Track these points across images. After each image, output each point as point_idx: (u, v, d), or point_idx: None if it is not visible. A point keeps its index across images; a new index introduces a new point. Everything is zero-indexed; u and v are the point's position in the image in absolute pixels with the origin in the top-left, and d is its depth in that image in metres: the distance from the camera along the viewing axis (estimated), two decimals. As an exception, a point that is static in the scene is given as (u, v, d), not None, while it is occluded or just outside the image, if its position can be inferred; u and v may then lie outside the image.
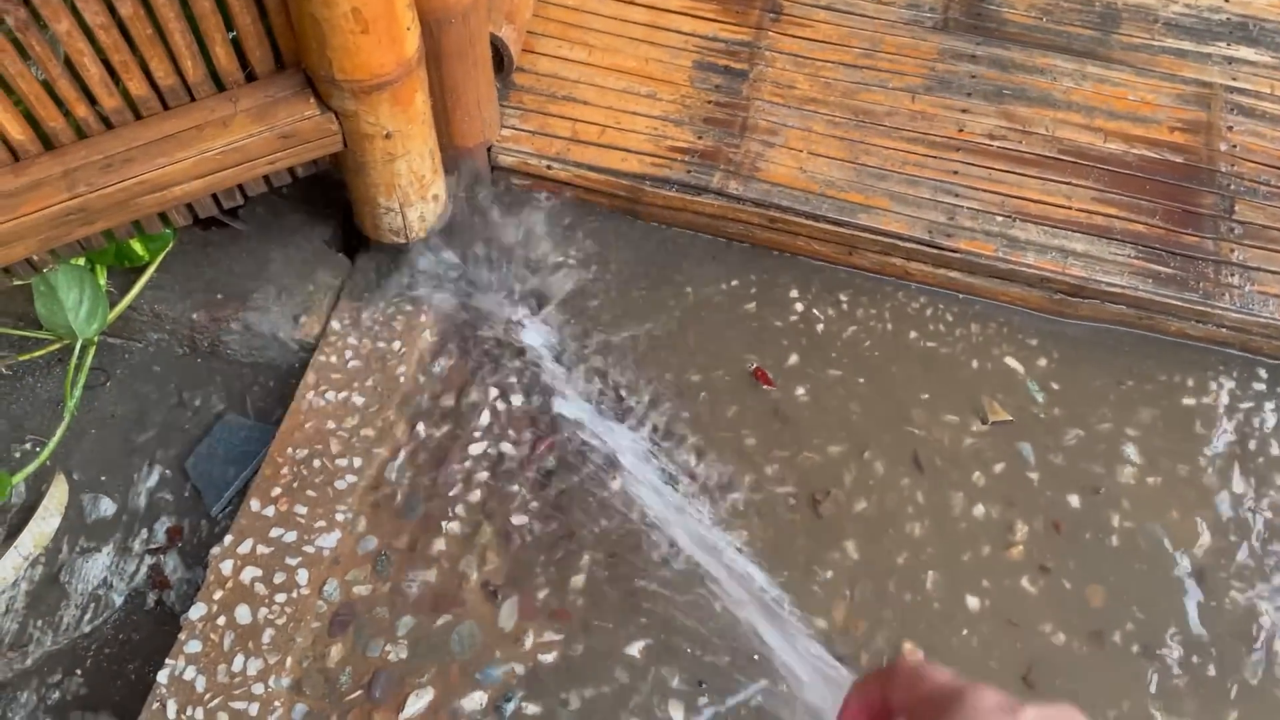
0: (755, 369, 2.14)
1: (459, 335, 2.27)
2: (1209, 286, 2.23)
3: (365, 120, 1.92)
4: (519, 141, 2.40)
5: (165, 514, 2.16)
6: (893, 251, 2.32)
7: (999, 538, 2.05)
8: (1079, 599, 1.99)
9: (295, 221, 2.39)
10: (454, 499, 2.07)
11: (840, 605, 1.97)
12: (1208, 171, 2.41)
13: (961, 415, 2.20)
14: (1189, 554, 2.04)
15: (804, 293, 2.37)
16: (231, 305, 2.26)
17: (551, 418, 2.17)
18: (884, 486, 2.11)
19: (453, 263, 2.31)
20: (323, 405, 2.14)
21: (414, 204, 2.17)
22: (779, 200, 2.33)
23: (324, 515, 2.02)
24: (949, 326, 2.33)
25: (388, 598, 1.96)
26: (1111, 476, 2.13)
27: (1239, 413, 2.21)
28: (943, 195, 2.35)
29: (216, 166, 1.91)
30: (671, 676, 1.89)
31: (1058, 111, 2.50)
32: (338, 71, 1.82)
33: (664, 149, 2.41)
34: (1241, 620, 1.97)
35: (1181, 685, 1.90)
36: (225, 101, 1.89)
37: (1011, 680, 1.89)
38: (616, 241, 2.42)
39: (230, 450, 2.19)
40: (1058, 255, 2.26)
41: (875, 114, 2.49)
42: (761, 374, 2.10)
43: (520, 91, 2.49)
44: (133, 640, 2.03)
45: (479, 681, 1.88)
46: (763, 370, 2.12)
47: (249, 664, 1.87)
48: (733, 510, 2.07)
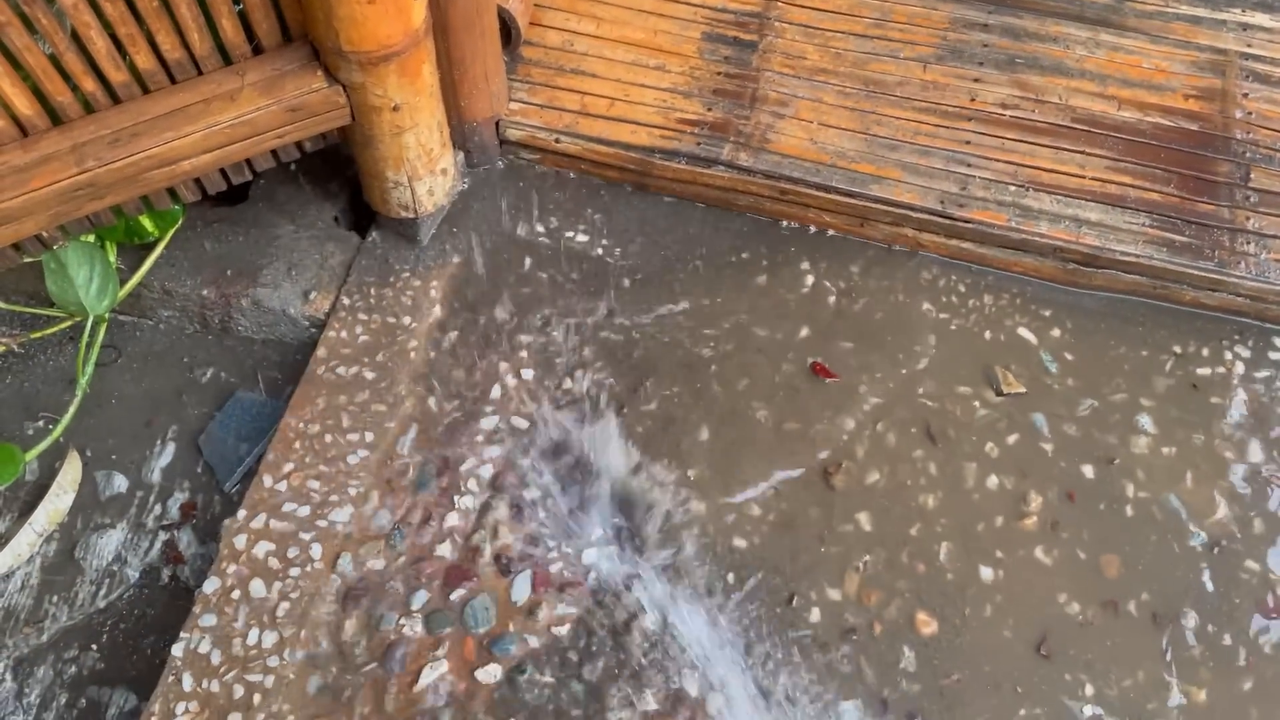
0: (814, 364, 2.12)
1: (469, 310, 2.27)
2: (1224, 255, 2.21)
3: (373, 92, 1.91)
4: (527, 115, 2.39)
5: (178, 490, 2.16)
6: (905, 222, 2.30)
7: (1013, 508, 2.05)
8: (1093, 569, 1.98)
9: (304, 198, 2.39)
10: (466, 474, 2.07)
11: (853, 576, 1.97)
12: (1223, 139, 2.38)
13: (974, 386, 2.18)
14: (1204, 524, 2.03)
15: (815, 265, 2.36)
16: (241, 282, 2.25)
17: (562, 391, 2.16)
18: (897, 458, 2.10)
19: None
20: (334, 380, 2.14)
21: (423, 178, 2.16)
22: (789, 172, 2.31)
23: (336, 490, 2.03)
24: (961, 298, 2.31)
25: (401, 572, 1.97)
26: (1126, 447, 2.12)
27: (1255, 382, 2.19)
28: (955, 165, 2.33)
29: (224, 141, 1.90)
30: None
31: (1071, 80, 2.48)
32: (345, 43, 1.81)
33: (673, 121, 2.39)
34: (1257, 589, 1.96)
35: (1196, 654, 1.90)
36: (232, 75, 1.88)
37: (1026, 650, 1.89)
38: (625, 215, 2.41)
39: (242, 426, 2.19)
40: (1071, 224, 2.24)
41: (886, 84, 2.46)
42: (820, 368, 2.09)
43: (528, 65, 2.47)
44: (148, 615, 2.04)
45: (493, 654, 1.88)
46: (821, 364, 2.10)
47: (264, 637, 1.88)
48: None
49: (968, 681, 1.87)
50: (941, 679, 1.87)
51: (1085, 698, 1.85)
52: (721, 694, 1.84)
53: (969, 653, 1.90)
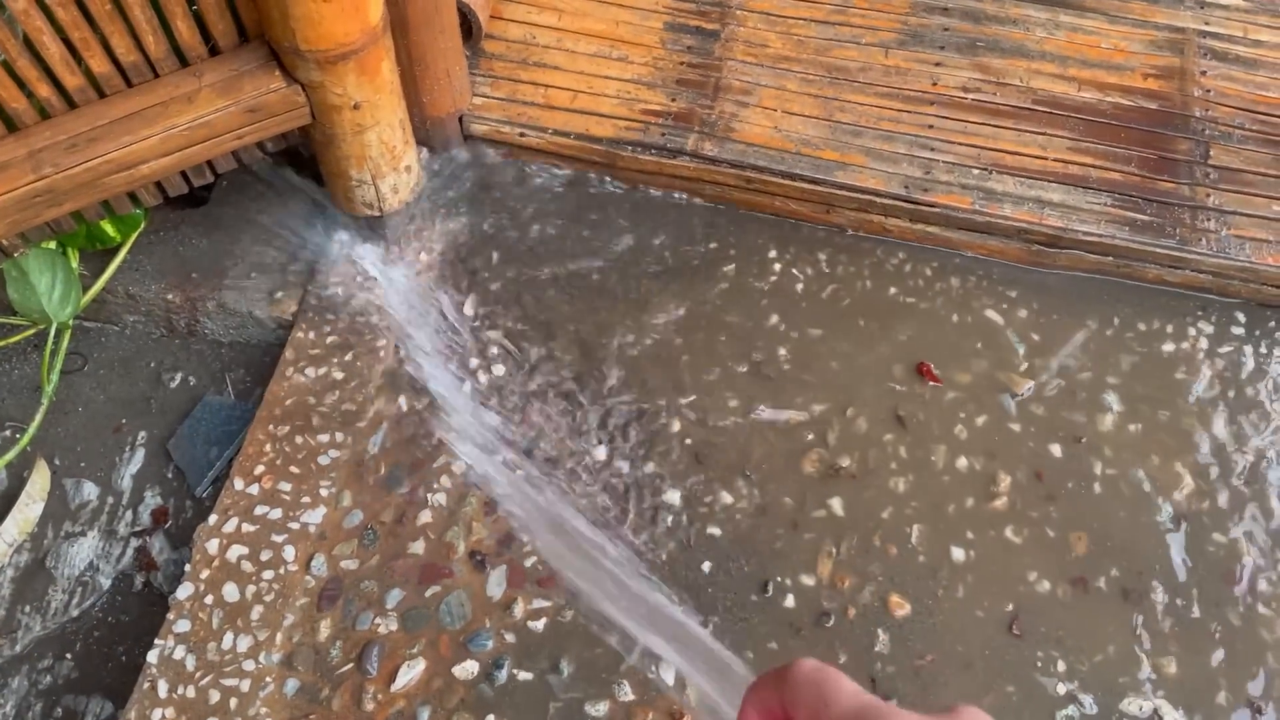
0: (920, 365, 2.11)
1: (437, 307, 2.26)
2: (1185, 232, 2.23)
3: (332, 91, 1.90)
4: (490, 109, 2.38)
5: (149, 496, 2.15)
6: (870, 208, 2.31)
7: (982, 489, 2.06)
8: (1063, 547, 2.00)
9: (267, 198, 2.37)
10: (438, 470, 2.07)
11: (826, 561, 1.98)
12: (1182, 117, 2.40)
13: (943, 370, 2.20)
14: (1171, 499, 2.05)
15: (783, 253, 2.37)
16: (206, 285, 2.24)
17: (534, 386, 2.17)
18: (867, 443, 2.12)
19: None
20: (302, 381, 2.14)
21: (386, 175, 2.15)
22: (755, 160, 2.32)
23: (308, 491, 2.02)
24: (928, 281, 2.32)
25: (375, 571, 1.96)
26: (1093, 425, 2.14)
27: (1218, 357, 2.22)
28: (918, 150, 2.34)
29: (184, 143, 1.89)
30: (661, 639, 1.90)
31: (1032, 62, 2.49)
32: (302, 42, 1.80)
33: (637, 112, 2.39)
34: (1224, 562, 1.99)
35: (1166, 628, 1.92)
36: (190, 77, 1.87)
37: (998, 629, 1.91)
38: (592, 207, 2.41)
39: (212, 430, 2.18)
40: (1034, 206, 2.26)
41: (849, 70, 2.47)
42: (927, 370, 2.08)
43: (490, 59, 2.47)
44: (121, 622, 2.03)
45: (470, 650, 1.89)
46: (927, 366, 2.09)
47: (239, 641, 1.87)
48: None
49: (941, 662, 1.89)
50: (916, 660, 1.89)
51: (1058, 674, 1.87)
52: (697, 680, 1.85)
53: (942, 633, 1.91)
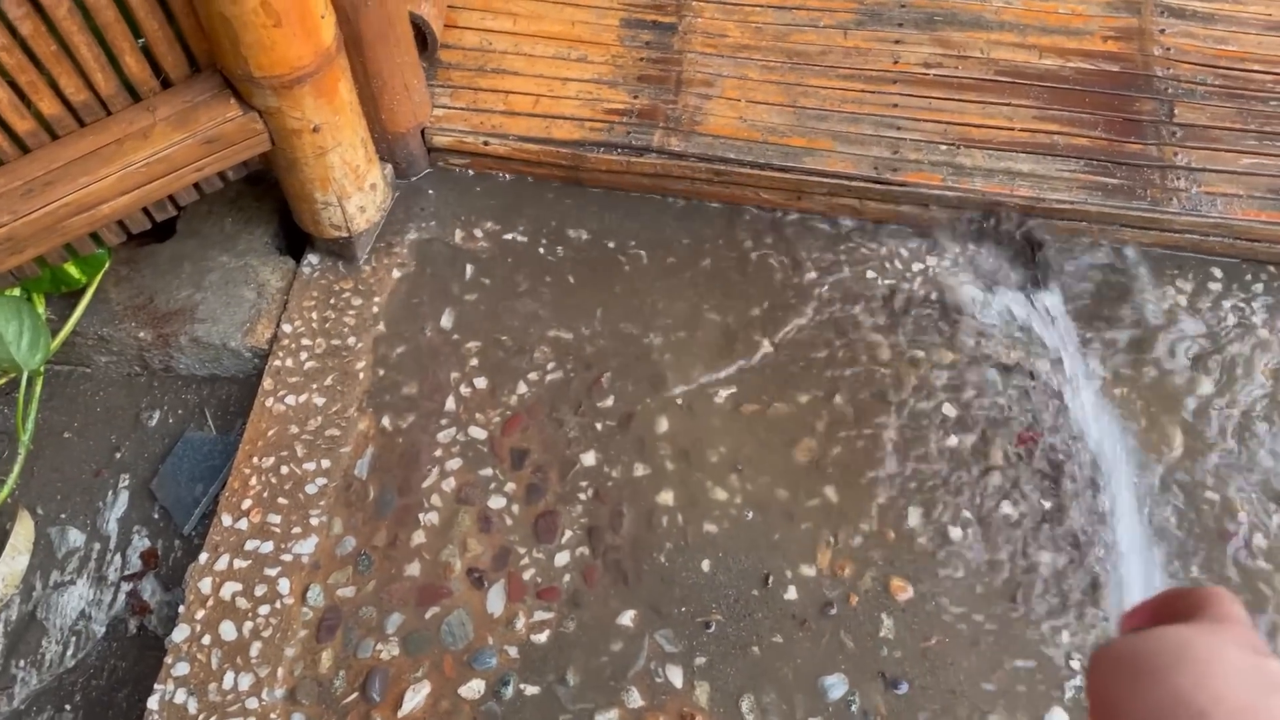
0: (1020, 436, 2.07)
1: (415, 324, 2.24)
2: (1156, 193, 2.23)
3: (290, 116, 1.87)
4: (452, 120, 2.35)
5: (137, 538, 2.12)
6: (841, 192, 2.30)
7: (976, 465, 2.06)
8: (1058, 515, 2.00)
9: (234, 226, 2.34)
10: (428, 490, 2.05)
11: (825, 550, 1.98)
12: (1144, 77, 2.40)
13: (928, 350, 2.20)
14: (1162, 459, 2.06)
15: (758, 243, 2.35)
16: (177, 320, 2.21)
17: (517, 396, 2.15)
18: (857, 428, 2.11)
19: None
20: (283, 410, 2.11)
21: (352, 195, 2.12)
22: (722, 152, 2.30)
23: (298, 521, 2.00)
24: (905, 262, 2.32)
25: (373, 596, 1.94)
26: (1079, 392, 2.14)
27: (1199, 314, 2.22)
28: (885, 130, 2.33)
29: (143, 180, 1.85)
30: (667, 641, 1.89)
31: (990, 33, 2.48)
32: (255, 69, 1.77)
33: (601, 112, 2.37)
34: (1218, 518, 2.00)
35: (1167, 588, 1.92)
36: (143, 112, 1.83)
37: (1001, 604, 1.91)
38: (563, 211, 2.39)
39: (195, 467, 2.15)
40: (1005, 178, 2.25)
41: (809, 54, 2.46)
42: (1026, 439, 2.06)
43: (448, 69, 2.44)
44: (119, 669, 2.00)
45: (474, 669, 1.87)
46: (1029, 436, 2.06)
47: (240, 679, 1.85)
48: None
49: (948, 642, 1.88)
50: (922, 642, 1.89)
51: (1063, 645, 1.87)
52: (706, 684, 1.84)
53: (946, 613, 1.91)
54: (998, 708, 1.82)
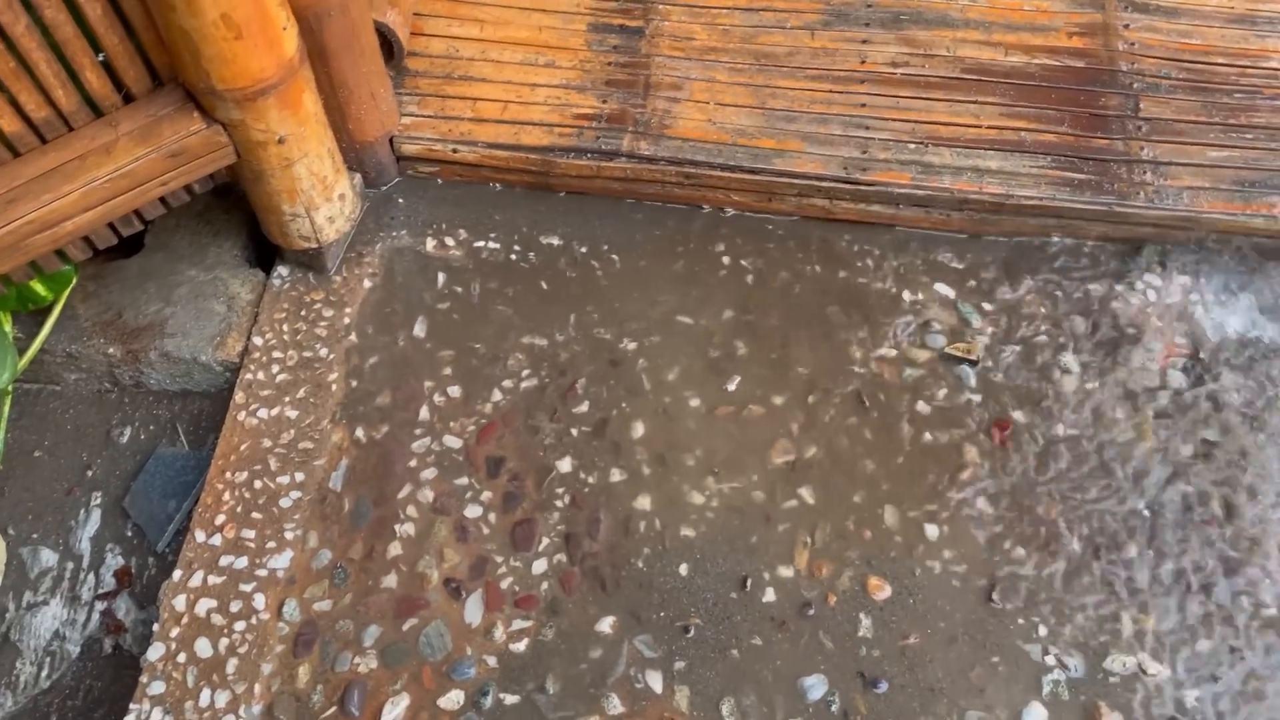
0: (997, 423, 2.09)
1: (387, 334, 2.22)
2: (1123, 187, 2.24)
3: (254, 128, 1.86)
4: (420, 128, 2.34)
5: (110, 557, 2.10)
6: (811, 193, 2.30)
7: (949, 463, 2.07)
8: (1033, 511, 2.01)
9: (202, 239, 2.32)
10: (404, 500, 2.04)
11: (803, 552, 1.98)
12: (1109, 72, 2.42)
13: (900, 348, 2.20)
14: (1135, 453, 2.07)
15: (730, 246, 2.35)
16: (147, 335, 2.19)
17: (491, 404, 2.14)
18: (832, 429, 2.11)
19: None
20: (256, 424, 2.09)
21: (320, 206, 2.11)
22: (692, 155, 2.30)
23: (273, 536, 1.98)
24: (876, 261, 2.32)
25: (350, 609, 1.93)
26: (1053, 387, 2.15)
27: (1167, 306, 2.24)
28: (854, 130, 2.34)
29: (107, 195, 1.84)
30: (646, 647, 1.88)
31: (957, 31, 2.49)
32: (217, 81, 1.75)
33: (570, 118, 2.37)
34: (1193, 510, 2.01)
35: (1142, 581, 1.94)
36: (106, 127, 1.82)
37: (977, 601, 1.92)
38: (533, 218, 2.38)
39: (168, 483, 2.14)
40: (973, 175, 2.26)
41: (777, 56, 2.46)
42: (1002, 427, 2.07)
43: (415, 76, 2.42)
44: (95, 689, 1.99)
45: (453, 680, 1.86)
46: (1003, 424, 2.09)
47: (216, 697, 1.83)
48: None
49: (926, 640, 1.89)
50: (900, 641, 1.89)
51: (1039, 639, 1.88)
52: (686, 688, 1.84)
53: (923, 611, 1.92)
54: (976, 704, 1.82)
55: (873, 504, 2.03)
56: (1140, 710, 1.81)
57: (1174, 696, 1.83)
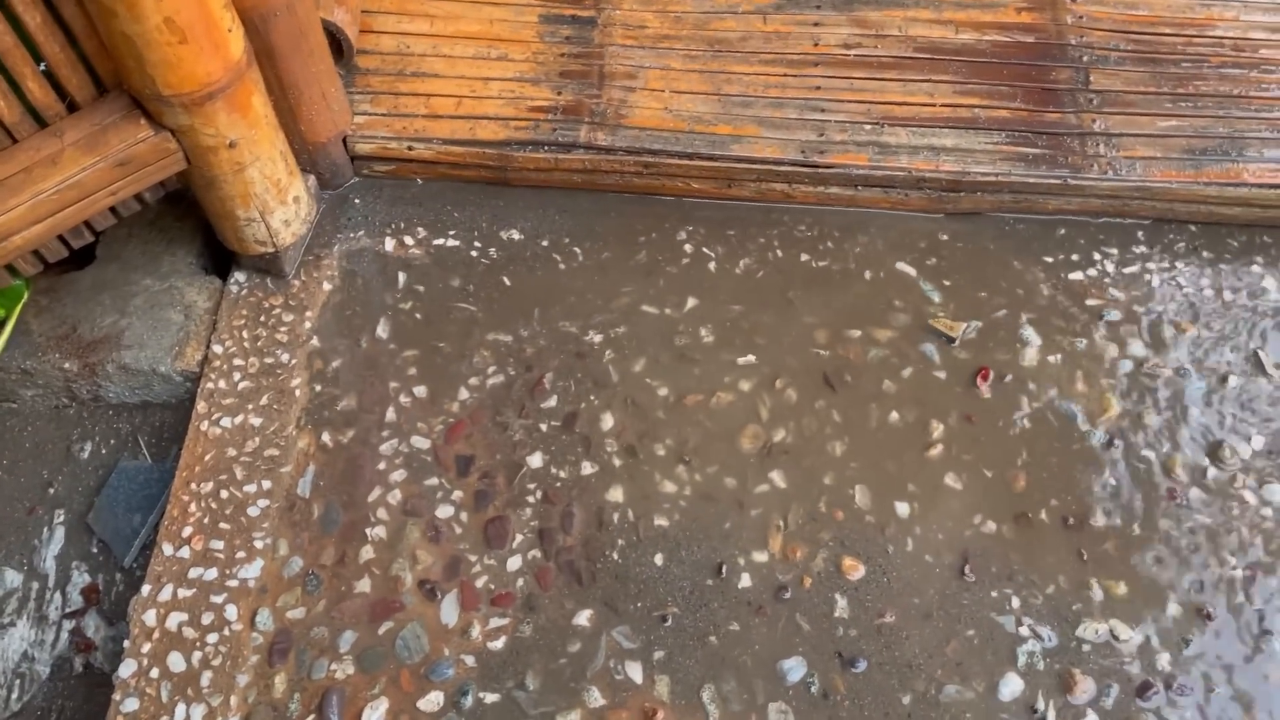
0: (980, 372, 2.09)
1: (349, 336, 2.20)
2: (1077, 160, 2.27)
3: (204, 133, 1.83)
4: (374, 127, 2.32)
5: (77, 575, 2.07)
6: (770, 178, 2.31)
7: (917, 441, 2.08)
8: (1001, 485, 2.03)
9: (156, 248, 2.28)
10: (374, 504, 2.02)
11: (776, 535, 1.99)
12: (1059, 46, 2.44)
13: (864, 329, 2.21)
14: (1099, 423, 2.09)
15: (692, 234, 2.35)
16: (103, 348, 2.15)
17: (458, 403, 2.13)
18: (800, 412, 2.12)
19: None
20: (219, 434, 2.07)
21: (275, 210, 2.08)
22: (650, 144, 2.30)
23: (242, 545, 1.96)
24: (837, 243, 2.33)
25: (324, 616, 1.91)
26: (1015, 361, 2.17)
27: (1125, 278, 2.27)
28: (810, 113, 2.34)
29: (55, 207, 1.80)
30: (625, 638, 1.88)
31: (907, 10, 2.50)
32: (163, 87, 1.72)
33: (525, 111, 2.35)
34: (1157, 477, 2.04)
35: (1111, 550, 1.96)
36: (50, 138, 1.78)
37: (951, 576, 1.93)
38: (493, 213, 2.37)
39: (132, 497, 2.10)
40: (929, 154, 2.27)
41: (730, 41, 2.46)
42: (984, 373, 2.07)
43: (366, 75, 2.40)
44: (67, 709, 1.96)
45: (432, 681, 1.85)
46: (987, 371, 2.08)
47: (192, 711, 1.81)
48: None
49: (901, 617, 1.90)
50: (876, 619, 1.90)
51: (1013, 610, 1.90)
52: (666, 677, 1.85)
53: (898, 589, 1.93)
54: (953, 678, 1.84)
55: (844, 485, 2.04)
56: (1114, 676, 1.84)
57: (1146, 661, 1.85)
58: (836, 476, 2.05)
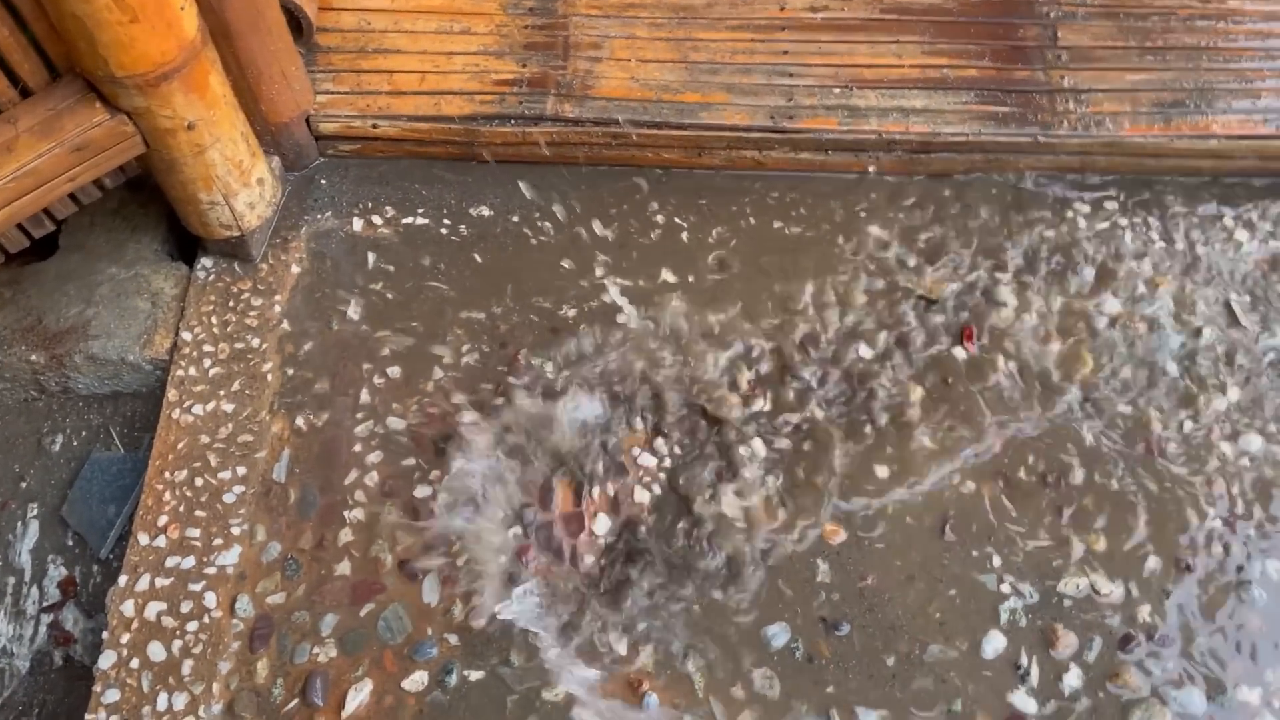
0: (965, 331, 2.08)
1: (320, 318, 2.18)
2: (1047, 117, 2.26)
3: (161, 114, 1.79)
4: (337, 105, 2.28)
5: (53, 568, 2.05)
6: (740, 144, 2.29)
7: (896, 404, 2.08)
8: (980, 446, 2.03)
9: (120, 237, 2.25)
10: (351, 486, 2.00)
11: (759, 501, 1.98)
12: (1026, 3, 2.42)
13: (839, 294, 2.20)
14: (1074, 380, 2.09)
15: (663, 204, 2.33)
16: (70, 339, 2.12)
17: (433, 383, 2.11)
18: (776, 379, 2.11)
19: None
20: (191, 421, 2.04)
21: (238, 192, 2.05)
22: (618, 115, 2.27)
23: (219, 532, 1.94)
24: (810, 209, 2.32)
25: (305, 600, 1.90)
26: (991, 321, 2.16)
27: (1097, 234, 2.26)
28: (778, 78, 2.32)
29: (12, 196, 1.77)
30: (608, 610, 1.88)
31: (874, -29, 2.48)
32: (117, 68, 1.69)
33: (490, 84, 2.32)
34: (1134, 432, 2.04)
35: (1090, 504, 1.97)
36: (4, 125, 1.74)
37: (931, 537, 1.93)
38: (462, 190, 2.34)
39: (105, 488, 2.08)
40: (899, 115, 2.26)
41: (695, 8, 2.43)
42: (969, 333, 2.06)
43: (328, 53, 2.36)
44: (49, 703, 1.94)
45: (416, 661, 1.84)
46: (969, 333, 2.07)
47: (174, 699, 1.80)
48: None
49: (883, 580, 1.90)
50: (859, 583, 1.91)
51: (994, 569, 1.91)
52: (650, 648, 1.84)
53: (880, 552, 1.93)
54: (937, 638, 1.84)
55: (824, 451, 2.03)
56: (1096, 629, 1.85)
57: (1128, 614, 1.86)
58: (816, 444, 2.04)
